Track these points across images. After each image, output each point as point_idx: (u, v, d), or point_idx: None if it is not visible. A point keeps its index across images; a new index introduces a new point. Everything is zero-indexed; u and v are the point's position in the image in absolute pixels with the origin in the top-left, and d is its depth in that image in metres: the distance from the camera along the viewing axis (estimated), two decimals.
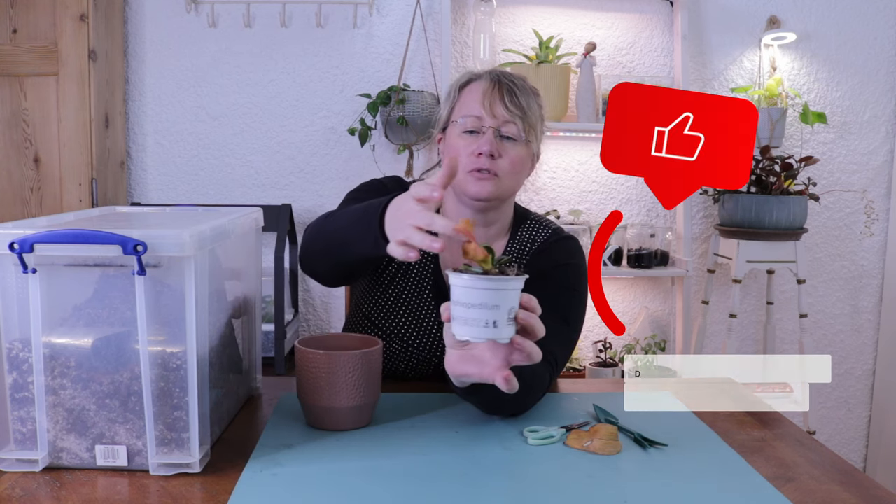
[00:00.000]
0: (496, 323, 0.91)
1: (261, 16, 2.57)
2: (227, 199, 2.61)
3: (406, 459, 1.02)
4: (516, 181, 1.36)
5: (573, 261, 1.38)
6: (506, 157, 1.31)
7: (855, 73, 2.73)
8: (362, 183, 1.45)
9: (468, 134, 1.32)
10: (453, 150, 1.33)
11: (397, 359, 1.40)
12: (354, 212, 1.14)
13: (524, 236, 1.42)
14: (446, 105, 1.39)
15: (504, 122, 1.31)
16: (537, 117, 1.35)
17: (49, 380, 0.96)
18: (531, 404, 1.20)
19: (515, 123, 1.31)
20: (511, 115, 1.31)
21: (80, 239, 0.92)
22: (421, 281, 1.40)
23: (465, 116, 1.32)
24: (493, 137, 1.30)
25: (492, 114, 1.31)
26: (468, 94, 1.35)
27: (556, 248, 1.40)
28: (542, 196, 2.68)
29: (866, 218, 2.76)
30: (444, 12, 2.48)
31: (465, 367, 1.01)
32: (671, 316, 2.72)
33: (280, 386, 1.35)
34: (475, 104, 1.32)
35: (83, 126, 2.30)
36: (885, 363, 2.80)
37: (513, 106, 1.31)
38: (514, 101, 1.31)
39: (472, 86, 1.35)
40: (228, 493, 0.91)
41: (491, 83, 1.33)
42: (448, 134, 1.37)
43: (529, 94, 1.35)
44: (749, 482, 0.98)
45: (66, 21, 2.27)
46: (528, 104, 1.32)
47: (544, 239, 1.42)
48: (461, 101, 1.36)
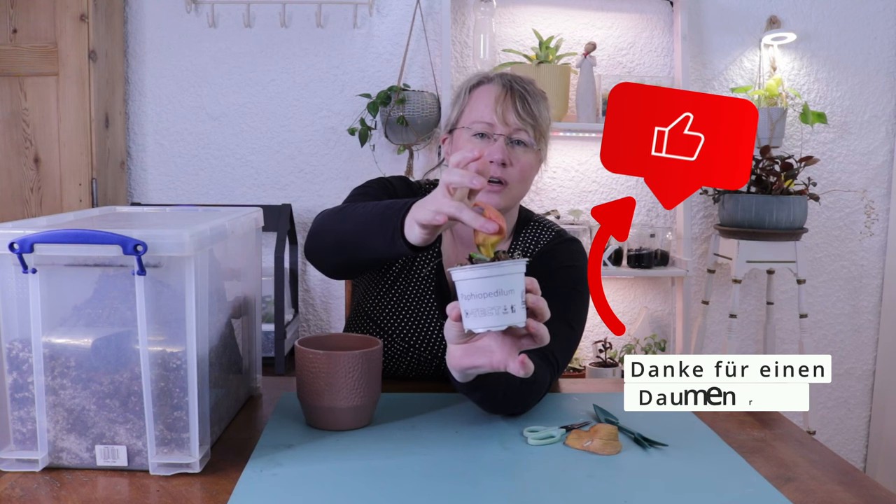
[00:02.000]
0: (513, 307, 0.92)
1: (261, 16, 2.57)
2: (227, 199, 2.61)
3: (406, 459, 1.02)
4: (524, 188, 1.37)
5: (577, 263, 1.38)
6: (516, 165, 1.31)
7: (855, 73, 2.73)
8: (369, 180, 1.44)
9: (478, 138, 1.32)
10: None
11: (398, 359, 1.40)
12: (374, 208, 1.13)
13: (528, 238, 1.43)
14: (456, 106, 1.38)
15: (515, 130, 1.31)
16: (547, 124, 1.36)
17: (49, 380, 0.96)
18: (532, 404, 1.20)
19: (527, 131, 1.31)
20: (523, 124, 1.31)
21: (80, 239, 0.92)
22: (424, 281, 1.39)
23: (476, 122, 1.32)
24: (505, 145, 1.30)
25: (504, 121, 1.31)
26: (479, 98, 1.34)
27: (560, 249, 1.40)
28: (542, 196, 2.68)
29: (866, 218, 2.76)
30: (444, 12, 2.48)
31: (473, 359, 0.99)
32: (671, 316, 2.72)
33: (280, 386, 1.35)
34: (487, 110, 1.31)
35: (83, 126, 2.30)
36: (885, 363, 2.80)
37: (525, 114, 1.31)
38: (527, 108, 1.31)
39: (483, 89, 1.35)
40: (228, 493, 0.91)
41: (503, 89, 1.32)
42: (456, 137, 1.37)
43: (540, 100, 1.34)
44: (749, 482, 0.98)
45: (66, 21, 2.27)
46: (539, 112, 1.32)
47: (548, 241, 1.42)
48: (472, 104, 1.35)
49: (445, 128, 1.41)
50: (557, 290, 1.27)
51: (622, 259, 2.55)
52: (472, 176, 0.95)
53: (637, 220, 2.69)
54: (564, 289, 1.31)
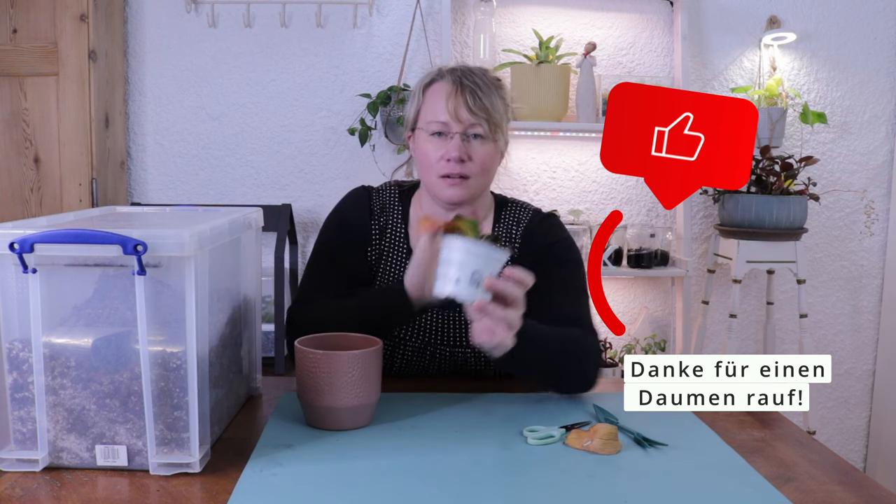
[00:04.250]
0: (458, 280, 1.04)
1: (261, 16, 2.57)
2: (227, 199, 2.61)
3: (406, 459, 1.02)
4: (487, 178, 1.41)
5: (562, 235, 1.46)
6: (476, 159, 1.35)
7: (855, 73, 2.73)
8: (326, 226, 1.47)
9: (436, 137, 1.36)
10: (422, 155, 1.38)
11: (390, 356, 1.40)
12: (371, 306, 1.32)
13: (509, 219, 1.46)
14: (412, 105, 1.43)
15: (470, 125, 1.34)
16: (501, 114, 1.38)
17: (49, 380, 0.96)
18: (589, 370, 1.30)
19: (480, 125, 1.34)
20: (476, 119, 1.34)
21: (80, 239, 0.92)
22: (400, 274, 1.42)
23: (431, 122, 1.36)
24: (461, 142, 1.34)
25: (457, 118, 1.34)
26: (432, 96, 1.38)
27: (542, 228, 1.46)
28: (542, 196, 2.68)
29: (866, 218, 2.76)
30: (444, 12, 2.48)
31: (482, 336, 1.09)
32: (671, 316, 2.72)
33: (280, 386, 1.35)
34: (440, 109, 1.35)
35: (83, 126, 2.30)
36: (885, 363, 2.80)
37: (476, 108, 1.34)
38: (478, 102, 1.34)
39: (436, 87, 1.38)
40: (228, 493, 0.91)
41: (454, 85, 1.35)
42: (416, 137, 1.41)
43: (492, 90, 1.37)
44: (749, 482, 0.98)
45: (66, 21, 2.26)
46: (491, 104, 1.35)
47: (528, 220, 1.47)
48: (426, 103, 1.39)
49: (407, 126, 1.46)
50: (555, 264, 1.39)
51: (622, 259, 2.55)
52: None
53: (637, 220, 2.69)
54: (561, 262, 1.41)
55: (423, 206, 1.46)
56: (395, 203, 1.47)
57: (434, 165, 1.36)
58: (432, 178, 1.37)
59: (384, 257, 1.44)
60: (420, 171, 1.42)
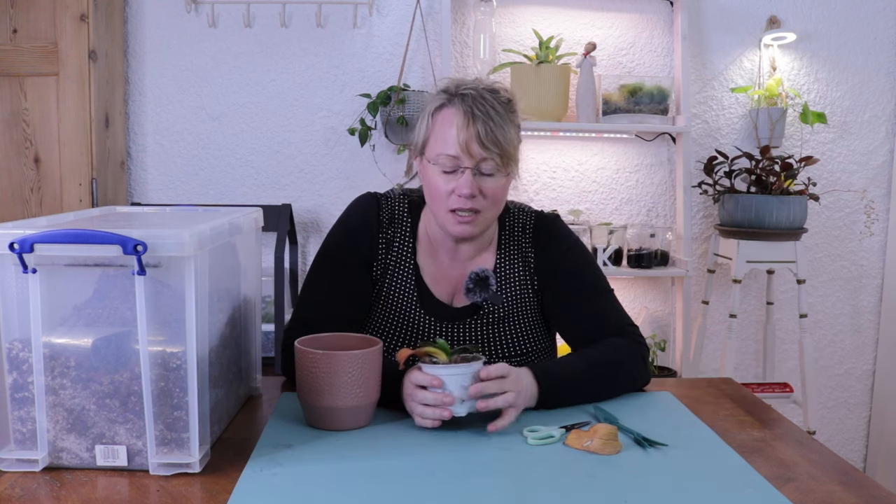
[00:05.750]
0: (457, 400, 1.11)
1: (261, 16, 2.57)
2: (227, 199, 2.61)
3: (406, 459, 1.02)
4: (498, 209, 1.35)
5: (571, 238, 1.46)
6: (487, 194, 1.30)
7: (855, 73, 2.73)
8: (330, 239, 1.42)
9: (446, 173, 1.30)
10: (432, 188, 1.32)
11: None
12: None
13: (513, 226, 1.44)
14: (421, 129, 1.34)
15: (482, 160, 1.28)
16: (515, 145, 1.31)
17: (49, 380, 0.96)
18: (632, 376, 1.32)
19: (493, 159, 1.28)
20: (488, 153, 1.27)
21: (80, 239, 0.92)
22: (406, 289, 1.40)
23: (441, 154, 1.29)
24: (472, 177, 1.28)
25: (468, 153, 1.27)
26: (442, 126, 1.30)
27: (550, 233, 1.44)
28: (542, 196, 2.68)
29: (866, 218, 2.76)
30: (444, 12, 2.48)
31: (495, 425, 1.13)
32: (671, 316, 2.72)
33: (280, 386, 1.35)
34: (450, 141, 1.27)
35: (83, 126, 2.30)
36: (885, 363, 2.80)
37: (489, 142, 1.26)
38: (490, 135, 1.26)
39: (446, 113, 1.30)
40: (228, 493, 0.91)
41: (465, 117, 1.27)
42: (425, 169, 1.34)
43: (506, 119, 1.29)
44: (749, 482, 0.98)
45: (66, 21, 2.27)
46: (504, 137, 1.28)
47: (532, 225, 1.44)
48: (435, 131, 1.31)
49: (415, 150, 1.37)
50: (572, 271, 1.41)
51: (622, 259, 2.55)
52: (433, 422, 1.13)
53: (637, 220, 2.69)
54: (577, 266, 1.42)
55: (432, 232, 1.41)
56: (404, 215, 1.42)
57: (444, 199, 1.30)
58: (441, 210, 1.31)
59: (389, 272, 1.40)
60: (429, 201, 1.36)
